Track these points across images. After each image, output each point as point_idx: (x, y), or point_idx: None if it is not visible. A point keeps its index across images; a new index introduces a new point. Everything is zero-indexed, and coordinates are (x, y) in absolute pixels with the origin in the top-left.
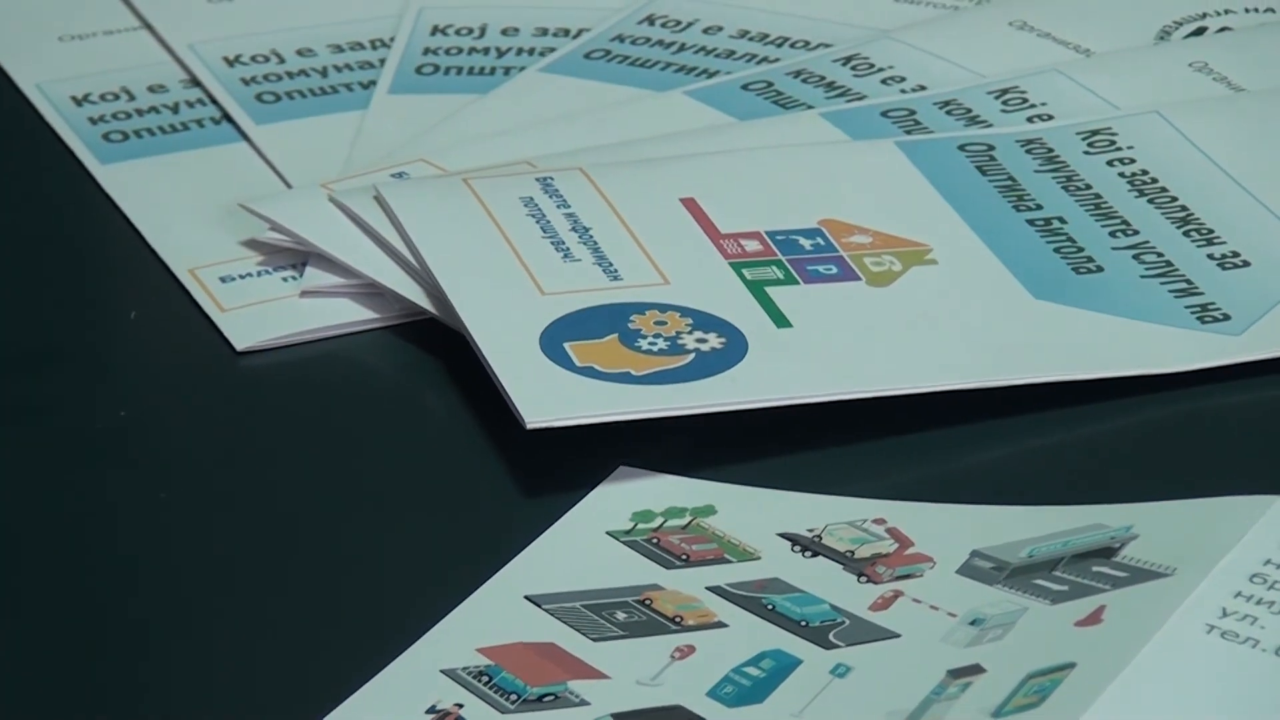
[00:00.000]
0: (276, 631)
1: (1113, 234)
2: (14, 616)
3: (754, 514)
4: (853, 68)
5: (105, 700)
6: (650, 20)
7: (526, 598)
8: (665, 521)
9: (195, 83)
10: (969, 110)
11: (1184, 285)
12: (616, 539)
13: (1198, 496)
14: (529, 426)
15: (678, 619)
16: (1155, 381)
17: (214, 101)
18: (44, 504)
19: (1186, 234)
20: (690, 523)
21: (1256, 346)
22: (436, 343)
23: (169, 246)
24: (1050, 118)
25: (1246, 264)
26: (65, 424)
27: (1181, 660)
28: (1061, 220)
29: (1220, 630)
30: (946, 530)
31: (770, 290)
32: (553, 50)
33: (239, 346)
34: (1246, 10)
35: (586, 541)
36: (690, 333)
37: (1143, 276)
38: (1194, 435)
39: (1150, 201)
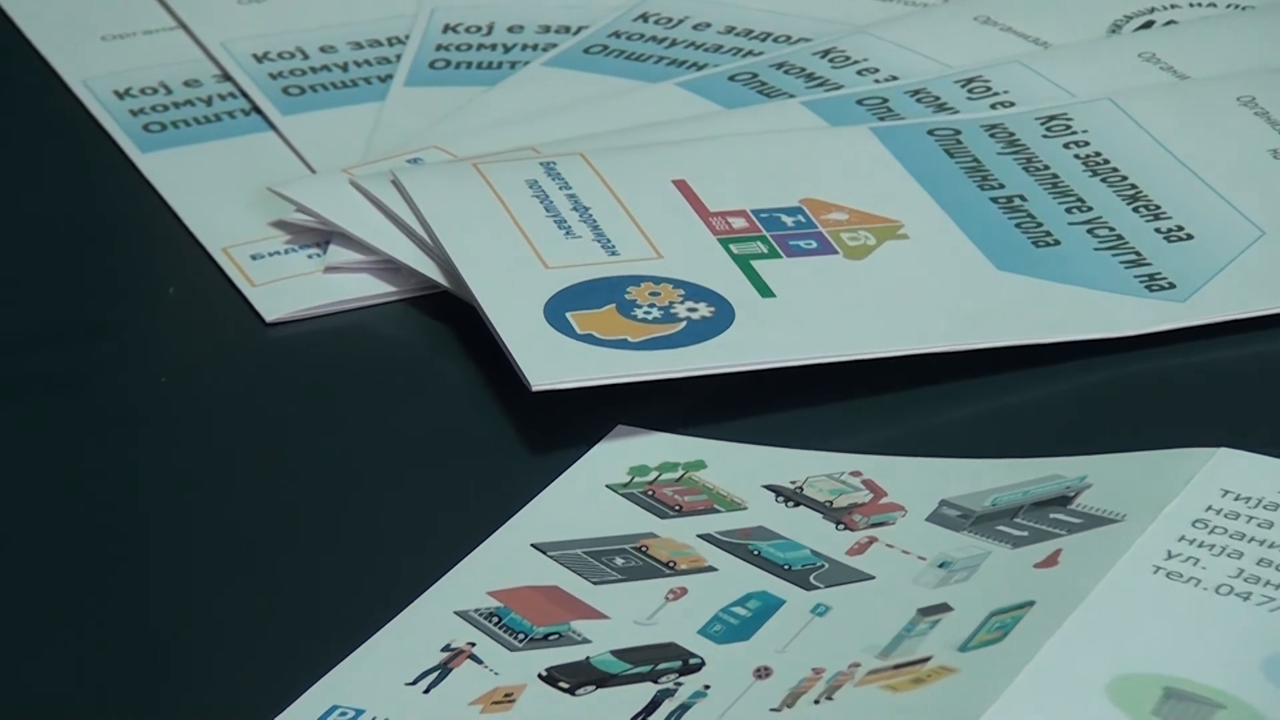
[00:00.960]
0: (302, 577)
1: (1069, 210)
2: (67, 561)
3: (740, 468)
4: (830, 60)
5: (141, 644)
6: (644, 18)
7: (533, 545)
8: (659, 475)
9: (227, 77)
10: (937, 98)
11: (1133, 257)
12: (615, 491)
13: (1146, 449)
14: (534, 389)
15: (671, 564)
16: (1108, 345)
17: (244, 95)
18: (94, 460)
19: (1136, 210)
20: (682, 476)
21: (1199, 312)
22: (449, 314)
23: (204, 227)
24: (1011, 104)
25: (1190, 237)
26: (112, 388)
27: (1131, 598)
28: (1022, 198)
29: (1166, 571)
30: (917, 482)
31: (755, 263)
32: (555, 46)
33: (268, 318)
34: (1191, 5)
35: (587, 494)
36: (682, 303)
37: (1096, 249)
38: (1142, 393)
39: (1103, 181)
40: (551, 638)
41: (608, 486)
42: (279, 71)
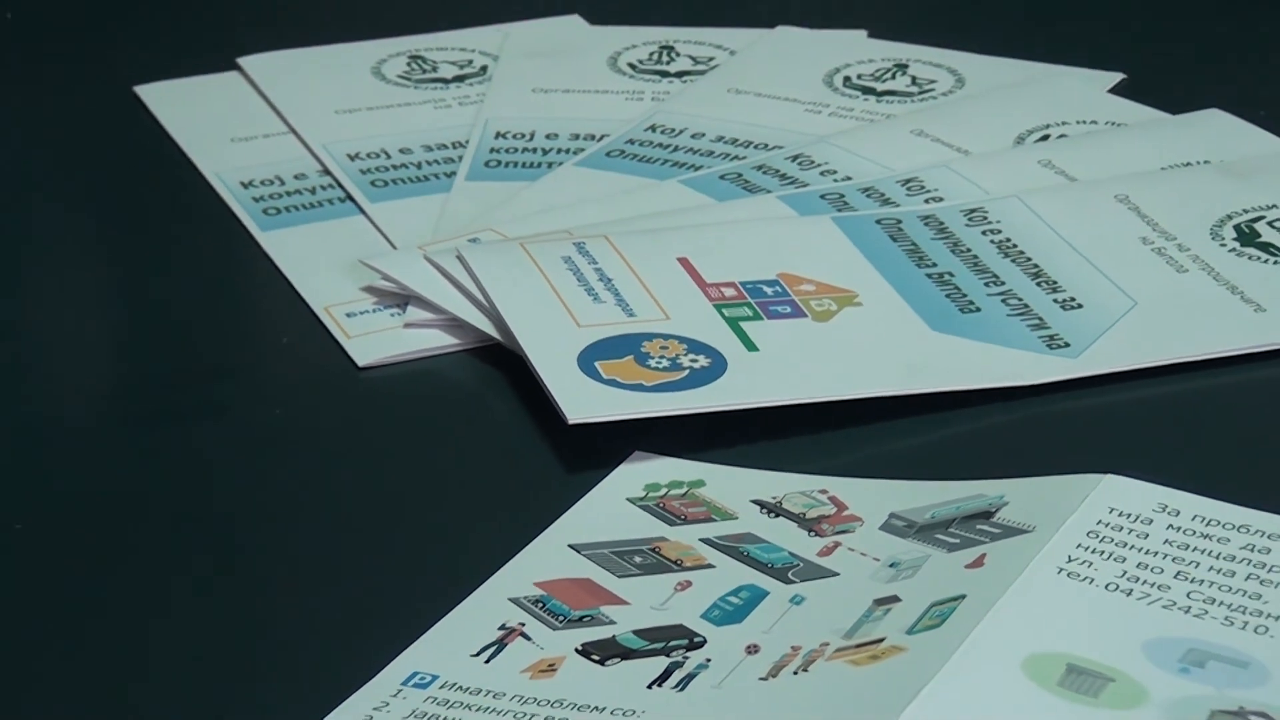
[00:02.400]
0: (387, 571)
1: (986, 284)
2: (199, 557)
3: (732, 486)
4: (799, 163)
5: (257, 625)
6: (653, 129)
7: (569, 546)
8: (668, 491)
9: (326, 172)
10: (883, 194)
11: (1037, 321)
12: (633, 504)
13: (1050, 475)
14: (570, 422)
15: (679, 562)
16: (1018, 391)
17: (340, 186)
18: (223, 475)
19: (1038, 285)
20: (686, 492)
21: (1089, 366)
22: (501, 362)
23: (310, 290)
24: (941, 200)
25: (1080, 306)
26: (239, 418)
27: (1040, 593)
28: (950, 274)
29: (1067, 572)
30: (871, 499)
31: (743, 324)
32: (583, 150)
33: (360, 363)
34: (1078, 122)
35: (612, 505)
36: (686, 355)
37: (1008, 315)
38: (1046, 430)
39: (1012, 261)
40: (585, 620)
41: (628, 499)
42: (367, 168)
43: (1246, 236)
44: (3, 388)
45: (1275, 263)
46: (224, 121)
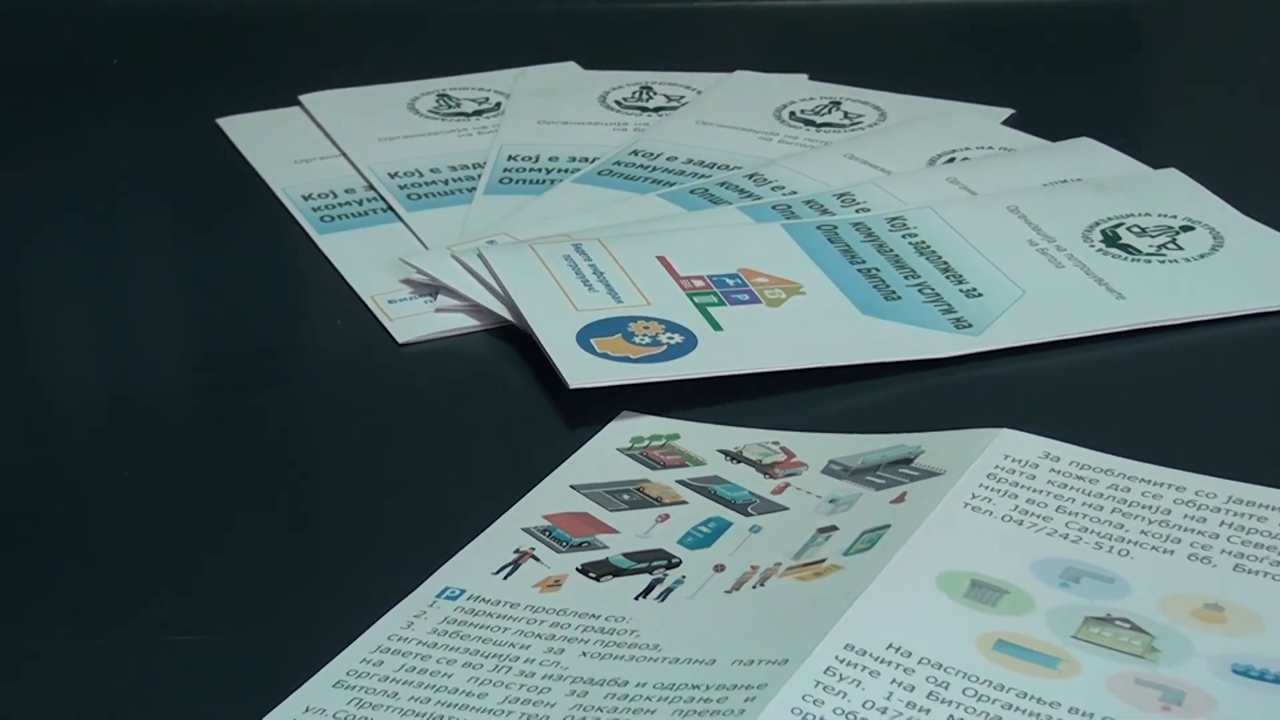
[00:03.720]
0: (420, 507)
1: (905, 278)
2: (266, 495)
3: (702, 439)
4: (754, 181)
5: (316, 550)
6: (636, 153)
7: (570, 486)
8: (650, 442)
9: (371, 187)
10: (822, 206)
11: (946, 307)
12: (622, 453)
13: (957, 430)
14: (571, 387)
15: (659, 499)
16: (932, 363)
17: (382, 198)
18: (291, 430)
19: (947, 277)
20: (665, 443)
21: (988, 342)
22: (514, 339)
23: (359, 282)
24: (868, 210)
25: (981, 294)
26: (302, 384)
27: (950, 523)
28: (877, 269)
29: (971, 506)
30: (815, 448)
31: (710, 309)
32: (579, 170)
33: (400, 340)
34: (978, 148)
35: (604, 454)
36: (664, 333)
37: (923, 302)
38: (954, 394)
39: (927, 259)
40: (583, 545)
41: (617, 449)
42: (404, 184)
43: (1110, 239)
44: (108, 361)
45: (1132, 260)
46: (289, 147)
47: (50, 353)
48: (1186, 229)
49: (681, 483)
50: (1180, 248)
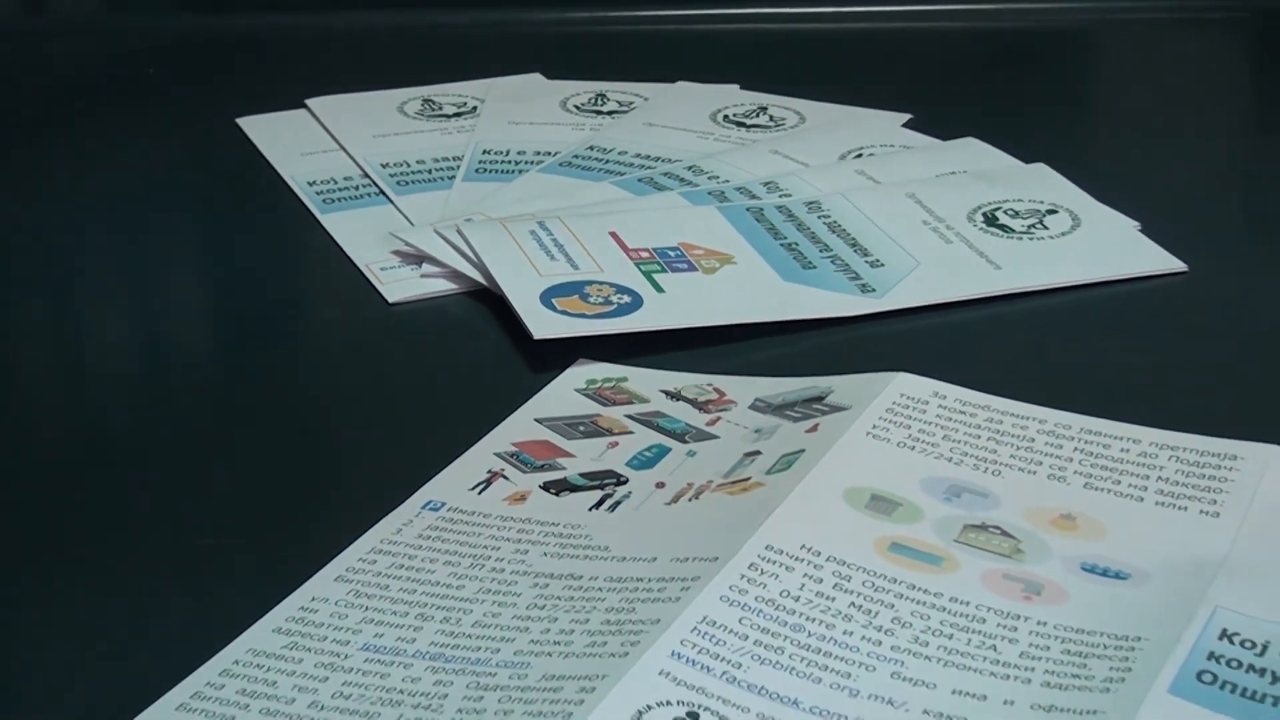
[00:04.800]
0: (408, 435)
1: (820, 251)
2: (267, 432)
3: (647, 381)
4: (693, 171)
5: (311, 474)
6: (592, 148)
7: (535, 419)
8: (602, 384)
9: (366, 175)
10: (751, 192)
11: (854, 275)
12: (579, 392)
13: (861, 373)
14: (536, 338)
15: (609, 430)
16: (842, 321)
17: (375, 184)
18: (300, 374)
19: (855, 251)
20: (615, 385)
21: (889, 304)
22: (488, 300)
23: (356, 252)
24: (790, 195)
25: (883, 265)
26: (308, 338)
27: (854, 448)
28: (796, 244)
29: (872, 435)
30: (742, 389)
31: (654, 275)
32: (543, 162)
33: (390, 300)
34: (881, 146)
35: (564, 393)
36: (614, 294)
37: (834, 271)
38: (859, 346)
39: (839, 236)
40: (545, 467)
41: (575, 390)
42: (394, 173)
43: (990, 220)
44: (144, 315)
45: (1007, 237)
46: (297, 142)
47: (96, 306)
48: (1051, 212)
49: (629, 417)
50: (1046, 227)
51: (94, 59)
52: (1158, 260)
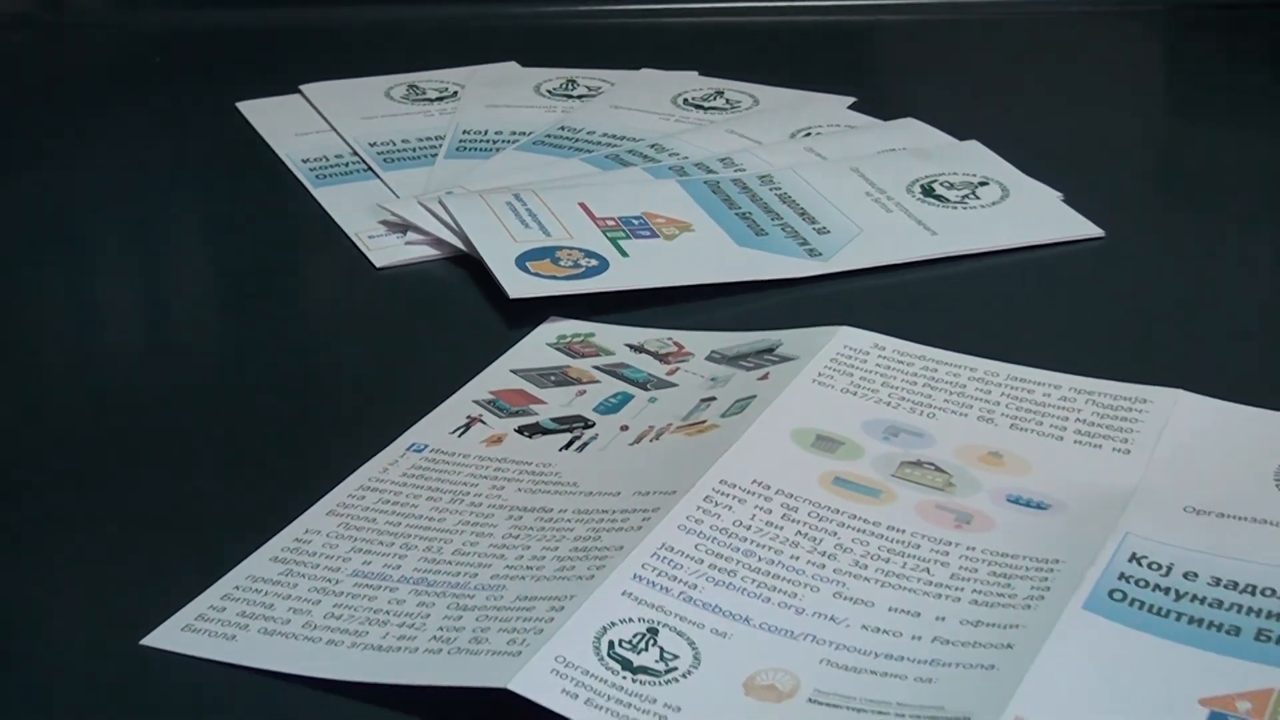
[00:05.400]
0: (394, 385)
1: (772, 219)
2: (284, 372)
3: (612, 335)
4: (654, 149)
5: (301, 425)
6: (563, 129)
7: (510, 370)
8: (572, 338)
9: (355, 153)
10: (709, 167)
11: (803, 240)
12: (550, 346)
13: (808, 327)
14: (511, 298)
15: (578, 379)
16: (792, 281)
17: (364, 161)
18: (294, 331)
19: (803, 219)
20: (584, 339)
21: (834, 266)
22: (467, 265)
23: (347, 222)
24: (744, 170)
25: (829, 231)
26: (304, 298)
27: (800, 393)
28: (750, 213)
29: (819, 382)
30: (700, 342)
31: (619, 241)
32: (518, 141)
33: (378, 265)
34: (828, 126)
35: (537, 346)
36: (583, 258)
37: (785, 237)
38: (807, 304)
39: (789, 206)
40: (519, 413)
41: (546, 344)
42: (381, 151)
43: (927, 191)
44: (148, 276)
45: (943, 206)
46: (292, 124)
47: (109, 267)
48: (983, 184)
49: (596, 368)
50: (978, 198)
51: (105, 49)
52: (1078, 227)
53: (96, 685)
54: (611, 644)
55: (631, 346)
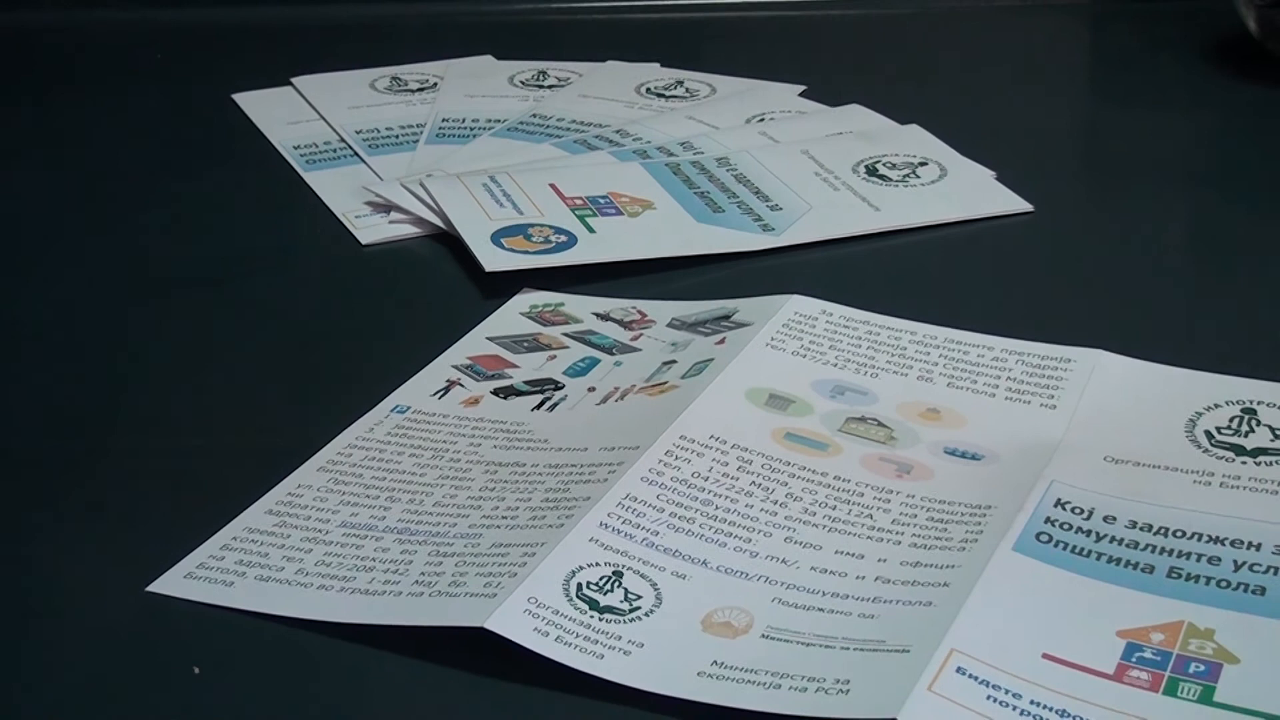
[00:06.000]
0: (379, 349)
1: (728, 197)
2: (279, 337)
3: (580, 305)
4: (619, 134)
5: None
6: (535, 116)
7: (487, 338)
8: (543, 308)
9: (343, 140)
10: (669, 151)
11: (757, 217)
12: (523, 315)
13: (763, 297)
14: (487, 270)
15: (549, 345)
16: (746, 254)
17: (350, 147)
18: (285, 301)
19: (757, 197)
20: (554, 309)
21: (786, 240)
22: (447, 241)
23: (335, 203)
24: (702, 153)
25: (781, 208)
26: (294, 271)
27: (754, 355)
28: (708, 192)
29: (771, 345)
30: (661, 310)
31: (587, 219)
32: (493, 128)
33: (363, 242)
34: (780, 112)
35: (511, 315)
36: (553, 234)
37: (740, 214)
38: (760, 274)
39: (744, 185)
40: (495, 376)
41: (520, 313)
42: (367, 138)
43: (871, 171)
44: (150, 249)
45: (886, 185)
46: (284, 113)
47: (116, 237)
48: (922, 164)
49: (565, 334)
50: (918, 177)
51: (112, 44)
52: (1009, 202)
53: (109, 625)
54: (580, 586)
55: (598, 315)
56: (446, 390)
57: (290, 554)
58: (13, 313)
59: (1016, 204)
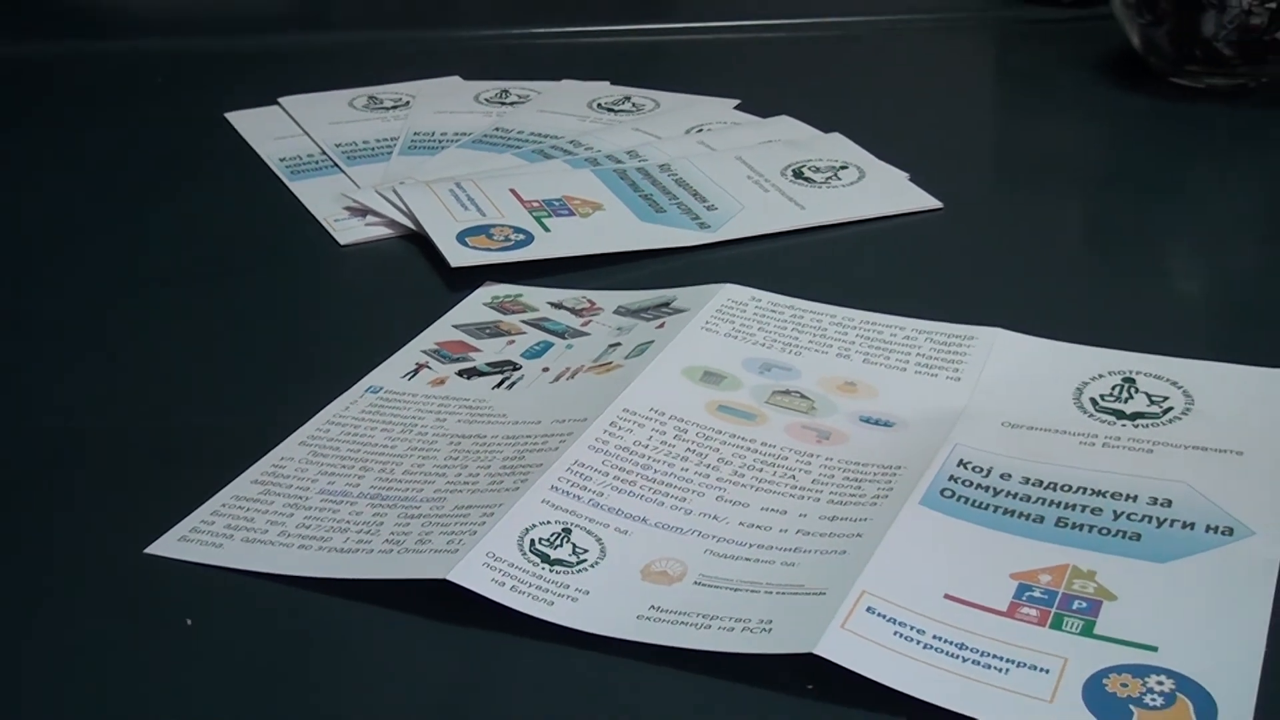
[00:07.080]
0: (355, 337)
1: (669, 199)
2: (261, 332)
3: (537, 295)
4: (573, 144)
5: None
6: (498, 130)
7: (453, 326)
8: (504, 299)
9: (324, 153)
10: (617, 159)
11: (694, 216)
12: (486, 306)
13: (698, 286)
14: (453, 266)
15: (508, 332)
16: (685, 250)
17: (331, 159)
18: (269, 296)
19: (696, 199)
20: (513, 299)
21: (721, 236)
22: (418, 241)
23: (317, 208)
24: (647, 160)
25: (716, 208)
26: (279, 269)
27: (690, 338)
28: (651, 195)
29: (705, 329)
30: (609, 299)
31: (543, 219)
32: (460, 140)
33: (342, 243)
34: (717, 123)
35: (475, 306)
36: (513, 233)
37: (680, 214)
38: (698, 267)
39: (684, 188)
40: (459, 359)
41: (482, 304)
42: (346, 151)
43: (798, 174)
44: (147, 249)
45: (811, 186)
46: (271, 129)
47: (117, 240)
48: (843, 168)
49: (523, 322)
50: (839, 179)
51: (117, 71)
52: (921, 200)
53: (110, 583)
54: (533, 542)
55: (552, 304)
56: (416, 372)
57: (274, 518)
58: (26, 304)
59: (928, 202)
